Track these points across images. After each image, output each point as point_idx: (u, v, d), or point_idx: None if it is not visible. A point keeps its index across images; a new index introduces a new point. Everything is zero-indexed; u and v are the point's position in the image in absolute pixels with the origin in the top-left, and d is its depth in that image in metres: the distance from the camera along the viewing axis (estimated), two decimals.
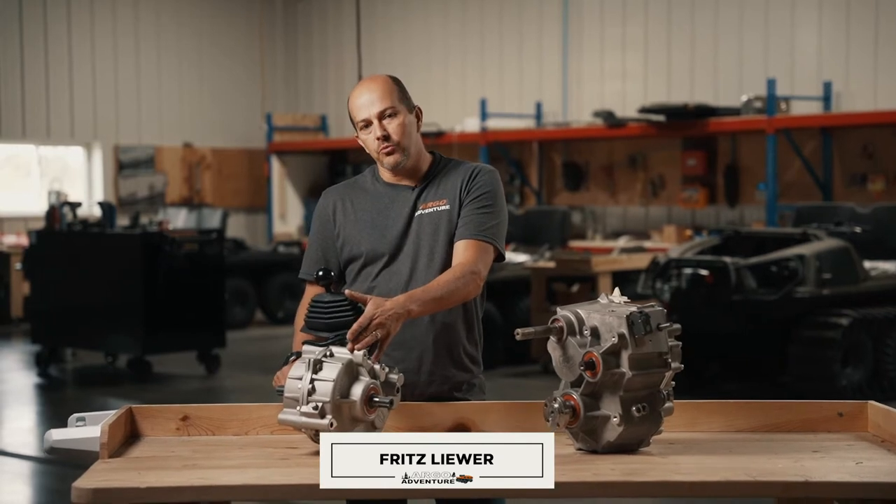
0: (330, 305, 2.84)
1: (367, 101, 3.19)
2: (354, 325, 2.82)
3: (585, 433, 2.76)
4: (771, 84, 11.35)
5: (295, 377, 2.74)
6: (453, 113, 14.55)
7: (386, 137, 3.17)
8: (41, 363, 10.15)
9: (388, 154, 3.19)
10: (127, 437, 2.86)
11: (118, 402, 8.86)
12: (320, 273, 2.90)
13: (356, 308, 2.84)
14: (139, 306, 9.45)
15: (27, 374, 10.21)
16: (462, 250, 3.15)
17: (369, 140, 3.21)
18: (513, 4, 14.69)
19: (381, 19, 15.83)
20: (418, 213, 3.22)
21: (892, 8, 11.63)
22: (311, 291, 3.25)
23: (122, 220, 12.36)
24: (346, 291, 2.89)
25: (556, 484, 2.48)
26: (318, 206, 3.35)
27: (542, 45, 14.34)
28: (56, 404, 9.02)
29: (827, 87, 11.89)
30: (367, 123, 3.20)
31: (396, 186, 3.27)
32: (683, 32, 13.11)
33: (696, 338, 8.84)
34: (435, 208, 3.21)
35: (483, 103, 13.88)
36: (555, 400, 2.75)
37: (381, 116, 3.18)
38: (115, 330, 9.72)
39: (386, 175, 3.29)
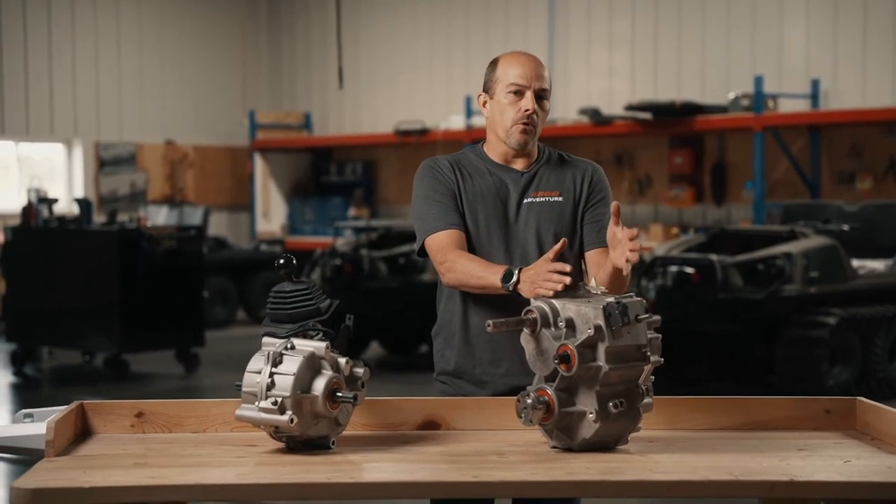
0: (292, 295, 2.69)
1: (532, 71, 3.15)
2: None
3: (560, 430, 2.62)
4: (758, 81, 11.23)
5: (253, 371, 2.59)
6: (438, 110, 14.37)
7: (533, 114, 3.11)
8: (17, 362, 9.99)
9: (524, 132, 3.12)
10: (77, 434, 2.72)
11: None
12: (282, 261, 2.73)
13: (319, 297, 2.69)
14: (116, 304, 9.30)
15: (2, 373, 10.03)
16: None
17: (511, 108, 3.12)
18: (499, 1, 14.56)
19: (366, 16, 15.67)
20: (528, 199, 3.15)
21: (881, 4, 11.53)
22: (450, 238, 3.07)
23: (102, 218, 12.19)
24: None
25: (529, 483, 2.35)
26: (429, 169, 3.18)
27: (529, 42, 14.20)
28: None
29: (815, 84, 11.78)
30: (522, 91, 3.12)
31: (505, 168, 3.19)
32: (670, 29, 12.99)
33: (682, 337, 8.73)
34: (547, 198, 3.17)
35: (468, 100, 13.72)
36: (528, 395, 2.61)
37: (540, 94, 3.13)
38: (92, 328, 9.57)
39: (494, 155, 3.20)
